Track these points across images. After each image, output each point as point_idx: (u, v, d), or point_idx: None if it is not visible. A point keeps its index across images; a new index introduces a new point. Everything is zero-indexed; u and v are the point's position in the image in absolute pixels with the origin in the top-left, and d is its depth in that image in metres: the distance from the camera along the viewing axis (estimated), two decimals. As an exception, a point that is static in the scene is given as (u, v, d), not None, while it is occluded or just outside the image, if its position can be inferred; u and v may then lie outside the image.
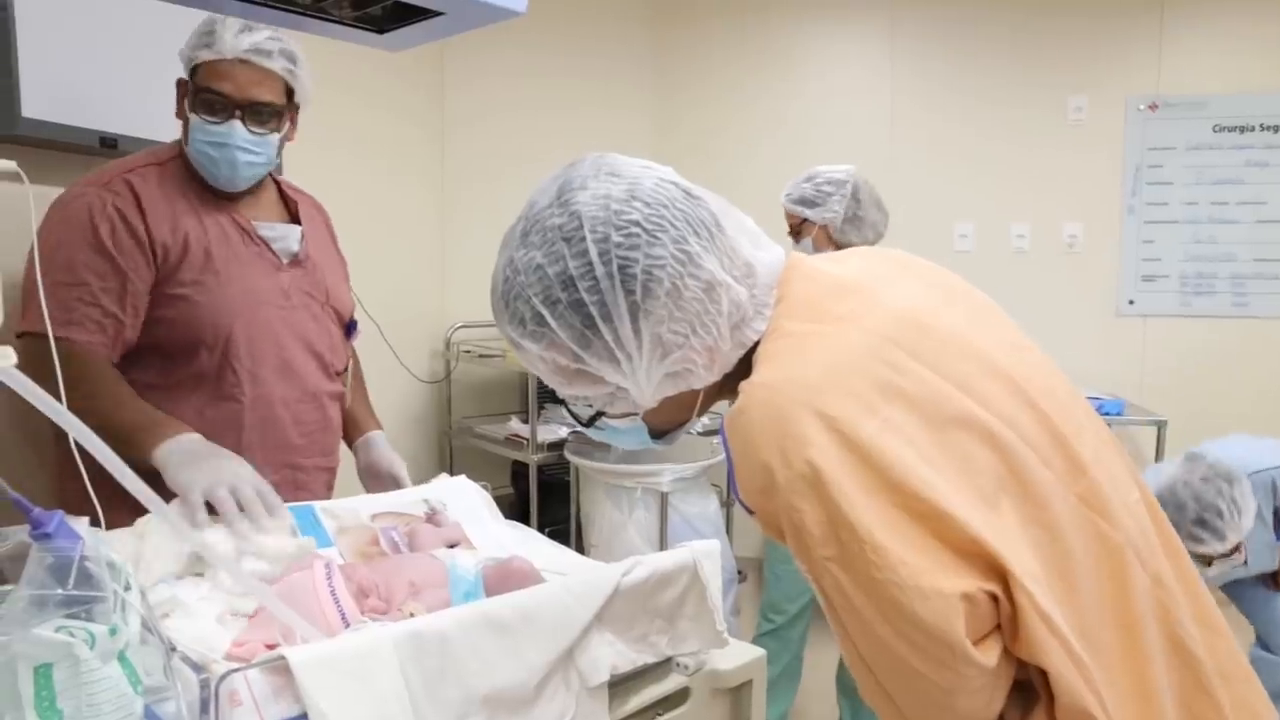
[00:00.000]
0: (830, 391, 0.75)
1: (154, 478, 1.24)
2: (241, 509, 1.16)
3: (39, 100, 1.71)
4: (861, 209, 2.63)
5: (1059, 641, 0.72)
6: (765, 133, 4.08)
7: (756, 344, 0.85)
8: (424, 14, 1.21)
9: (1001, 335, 0.88)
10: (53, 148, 1.82)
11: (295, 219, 1.64)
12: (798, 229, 2.68)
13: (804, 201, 2.65)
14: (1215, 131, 3.68)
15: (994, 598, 0.72)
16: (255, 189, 1.58)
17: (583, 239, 0.79)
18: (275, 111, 1.51)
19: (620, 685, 1.02)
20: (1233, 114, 3.66)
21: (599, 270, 0.78)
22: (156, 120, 1.96)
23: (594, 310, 0.79)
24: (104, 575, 0.75)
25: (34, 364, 1.33)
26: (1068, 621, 0.74)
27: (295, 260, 1.59)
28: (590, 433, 0.94)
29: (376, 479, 1.61)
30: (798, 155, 3.56)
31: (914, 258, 0.97)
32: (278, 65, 1.48)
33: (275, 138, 1.52)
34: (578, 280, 0.79)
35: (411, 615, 0.95)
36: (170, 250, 1.45)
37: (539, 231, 0.81)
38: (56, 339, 1.26)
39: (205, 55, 1.45)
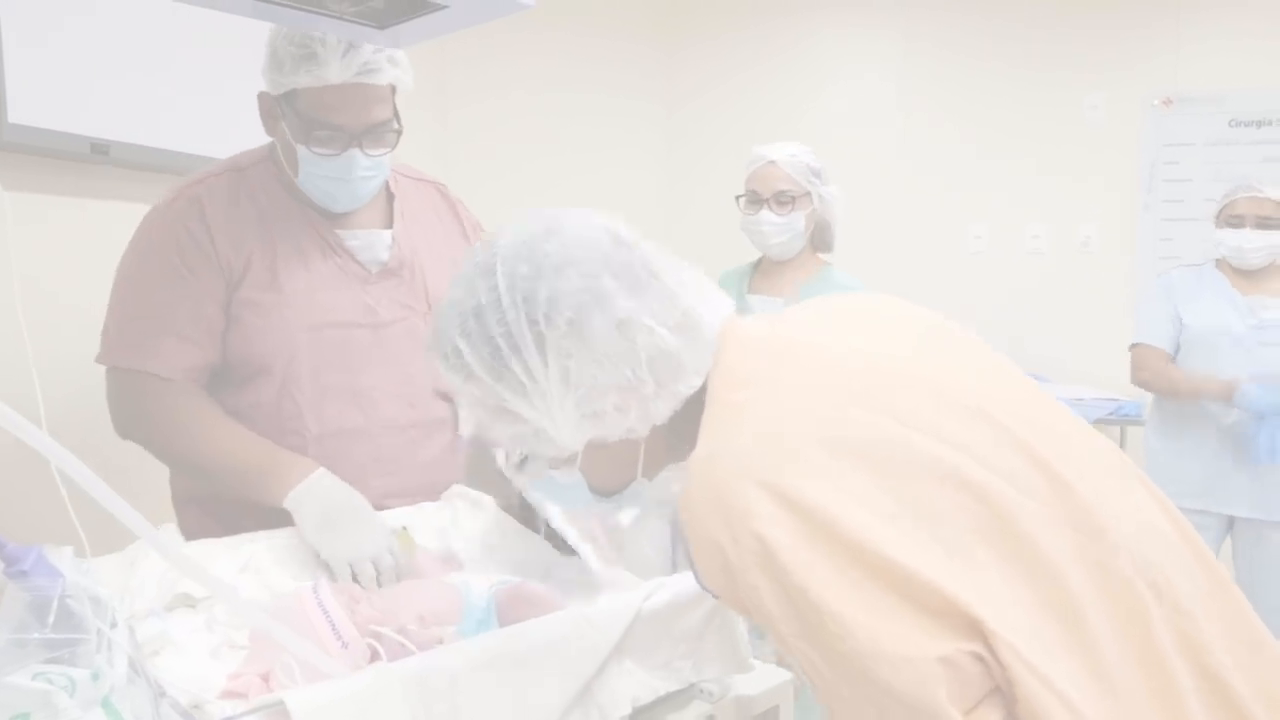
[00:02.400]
0: (769, 456, 0.73)
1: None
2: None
3: (26, 105, 1.66)
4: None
5: (1053, 696, 0.66)
6: (777, 138, 4.00)
7: (700, 410, 0.83)
8: (427, 8, 1.16)
9: (972, 364, 0.86)
10: (42, 155, 1.76)
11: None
12: (789, 201, 2.24)
13: (816, 173, 2.28)
14: (1232, 126, 3.61)
15: (979, 658, 0.67)
16: None
17: (494, 271, 0.82)
18: (394, 128, 1.36)
19: (640, 716, 0.97)
20: (1250, 109, 3.58)
21: (505, 300, 0.81)
22: (152, 125, 1.91)
23: (501, 342, 0.81)
24: (87, 614, 0.71)
25: (126, 399, 1.36)
26: (1077, 666, 0.68)
27: (387, 269, 1.43)
28: (528, 483, 0.94)
29: None
30: (807, 156, 3.50)
31: (883, 299, 0.95)
32: (388, 77, 1.32)
33: (391, 151, 1.39)
34: (487, 310, 0.81)
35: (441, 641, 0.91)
36: (234, 268, 1.34)
37: (466, 272, 0.85)
38: (138, 373, 1.31)
39: (306, 81, 1.28)
